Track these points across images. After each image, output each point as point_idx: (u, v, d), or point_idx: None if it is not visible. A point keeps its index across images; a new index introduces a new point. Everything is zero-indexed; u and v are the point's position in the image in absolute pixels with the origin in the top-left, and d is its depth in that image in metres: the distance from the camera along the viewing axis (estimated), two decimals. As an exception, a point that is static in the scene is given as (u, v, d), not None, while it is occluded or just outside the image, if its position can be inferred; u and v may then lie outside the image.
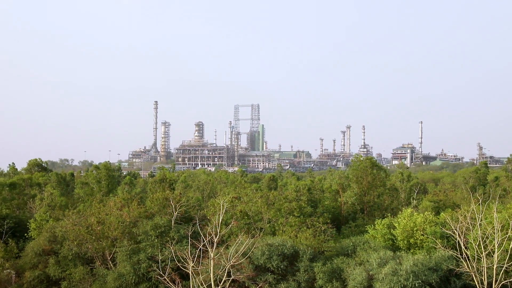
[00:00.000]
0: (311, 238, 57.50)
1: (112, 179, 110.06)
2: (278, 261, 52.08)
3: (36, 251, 66.93)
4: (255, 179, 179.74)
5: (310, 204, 66.29)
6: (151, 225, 60.40)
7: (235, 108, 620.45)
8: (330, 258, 54.12)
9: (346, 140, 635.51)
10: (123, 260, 58.09)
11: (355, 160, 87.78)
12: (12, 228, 77.48)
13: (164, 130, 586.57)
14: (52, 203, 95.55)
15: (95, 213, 66.71)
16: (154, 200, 69.68)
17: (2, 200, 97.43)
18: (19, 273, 67.73)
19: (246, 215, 64.10)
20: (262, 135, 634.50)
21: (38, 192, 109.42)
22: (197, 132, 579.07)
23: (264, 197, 67.75)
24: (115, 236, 62.51)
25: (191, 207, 69.78)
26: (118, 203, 68.92)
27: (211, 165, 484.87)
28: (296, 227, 60.98)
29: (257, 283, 50.62)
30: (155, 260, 54.84)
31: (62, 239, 65.85)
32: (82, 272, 61.80)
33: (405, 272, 47.13)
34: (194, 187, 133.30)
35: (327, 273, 51.48)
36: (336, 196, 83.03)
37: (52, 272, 63.94)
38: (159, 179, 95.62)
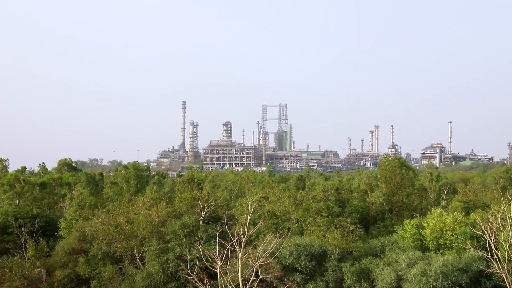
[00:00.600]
0: (339, 238, 57.28)
1: (140, 178, 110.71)
2: (306, 261, 51.98)
3: (66, 250, 67.61)
4: (282, 179, 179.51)
5: (338, 204, 65.99)
6: (180, 225, 60.65)
7: (263, 108, 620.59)
8: (359, 258, 53.87)
9: (375, 140, 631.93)
10: (152, 260, 58.40)
11: (383, 160, 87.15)
12: (42, 227, 78.29)
13: (192, 130, 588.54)
14: (81, 203, 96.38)
15: (124, 212, 67.18)
16: (182, 199, 69.94)
17: (33, 199, 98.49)
18: (50, 272, 68.46)
19: (274, 215, 64.05)
20: (290, 135, 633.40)
21: (68, 192, 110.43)
22: (225, 132, 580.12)
23: (292, 197, 67.65)
24: (143, 235, 62.90)
25: (219, 206, 69.92)
26: (147, 202, 69.31)
27: (238, 165, 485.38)
28: (324, 227, 60.78)
29: (285, 283, 50.56)
30: (184, 259, 55.06)
31: (92, 238, 66.42)
32: (111, 271, 62.27)
33: (435, 272, 46.74)
34: (222, 187, 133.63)
35: (356, 274, 51.28)
36: (364, 196, 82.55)
37: (81, 271, 64.53)
38: (187, 179, 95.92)
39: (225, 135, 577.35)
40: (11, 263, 67.74)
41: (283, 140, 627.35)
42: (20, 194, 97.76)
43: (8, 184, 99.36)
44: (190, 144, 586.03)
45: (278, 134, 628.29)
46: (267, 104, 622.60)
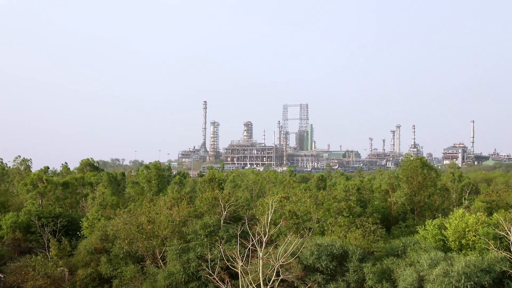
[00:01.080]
0: (360, 238, 57.07)
1: (162, 178, 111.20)
2: (327, 261, 51.86)
3: (88, 249, 68.06)
4: (303, 179, 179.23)
5: (359, 204, 65.80)
6: (201, 225, 60.82)
7: (284, 107, 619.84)
8: (380, 259, 53.65)
9: (396, 140, 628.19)
10: (173, 259, 58.59)
11: (405, 159, 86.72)
12: (65, 226, 78.90)
13: (213, 130, 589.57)
14: (103, 202, 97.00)
15: (145, 212, 67.52)
16: (203, 199, 70.13)
17: (56, 199, 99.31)
18: (72, 271, 68.97)
19: (295, 214, 63.97)
20: (311, 135, 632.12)
21: (90, 191, 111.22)
22: (245, 132, 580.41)
23: (313, 197, 67.53)
24: (165, 235, 63.15)
25: (240, 206, 69.97)
26: (168, 202, 69.57)
27: (259, 165, 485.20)
28: (345, 227, 60.60)
29: (306, 283, 50.48)
30: (205, 259, 55.21)
31: (114, 237, 66.79)
32: (133, 270, 62.58)
33: (457, 273, 46.41)
34: (243, 187, 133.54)
35: (377, 274, 51.08)
36: (386, 196, 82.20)
37: (103, 270, 64.93)
38: (208, 179, 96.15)
39: (246, 135, 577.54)
40: (34, 262, 68.43)
41: (304, 140, 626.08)
42: (43, 194, 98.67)
43: (31, 184, 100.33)
44: (211, 144, 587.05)
45: (299, 134, 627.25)
46: (288, 104, 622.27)
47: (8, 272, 70.19)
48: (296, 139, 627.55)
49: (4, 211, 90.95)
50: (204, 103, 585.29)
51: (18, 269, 68.78)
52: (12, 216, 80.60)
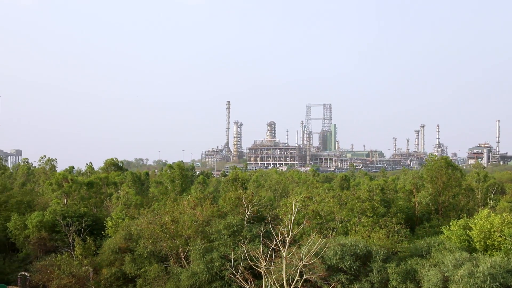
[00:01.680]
0: (384, 239, 56.82)
1: (185, 178, 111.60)
2: (350, 261, 51.71)
3: (113, 248, 68.48)
4: (327, 178, 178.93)
5: (383, 204, 65.46)
6: (224, 224, 60.92)
7: (307, 107, 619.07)
8: (404, 259, 53.37)
9: (420, 140, 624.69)
10: (197, 259, 58.75)
11: (429, 159, 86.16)
12: (89, 226, 79.49)
13: (237, 130, 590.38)
14: (127, 202, 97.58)
15: (169, 212, 67.79)
16: (226, 199, 70.26)
17: (80, 198, 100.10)
18: (97, 270, 69.46)
19: (318, 214, 63.86)
20: (334, 135, 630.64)
21: (114, 191, 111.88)
22: (269, 132, 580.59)
23: (336, 197, 67.37)
24: (188, 234, 63.36)
25: (263, 206, 70.00)
26: (192, 202, 69.79)
27: (283, 165, 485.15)
28: (369, 227, 60.38)
29: (330, 283, 50.36)
30: (228, 259, 55.27)
31: (138, 237, 67.14)
32: (156, 269, 62.83)
33: (482, 274, 46.01)
34: (266, 187, 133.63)
35: (401, 274, 50.83)
36: (410, 196, 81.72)
37: (128, 269, 65.28)
38: (231, 179, 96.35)
39: (269, 135, 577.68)
40: (59, 261, 69.10)
41: (327, 140, 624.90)
42: (68, 193, 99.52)
43: (57, 184, 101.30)
44: (235, 144, 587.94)
45: (322, 133, 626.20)
46: (311, 104, 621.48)
47: (34, 271, 70.96)
48: (319, 139, 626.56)
49: (30, 210, 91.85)
50: (227, 103, 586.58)
51: (43, 268, 69.49)
52: (37, 215, 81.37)
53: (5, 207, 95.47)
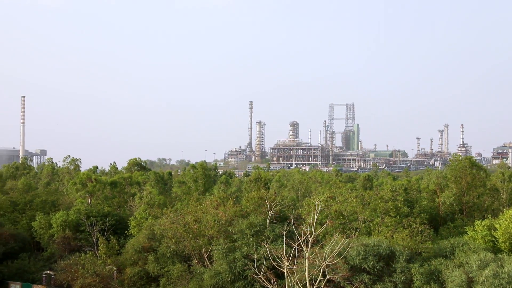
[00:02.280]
0: (407, 239, 56.52)
1: (208, 178, 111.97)
2: (374, 262, 51.51)
3: (136, 248, 68.87)
4: (350, 178, 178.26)
5: (406, 204, 65.12)
6: (247, 224, 60.98)
7: (330, 107, 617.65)
8: (428, 260, 53.08)
9: (444, 139, 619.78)
10: (219, 258, 58.89)
11: (453, 159, 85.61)
12: (113, 225, 80.00)
13: (259, 130, 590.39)
14: (150, 202, 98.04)
15: (192, 211, 68.03)
16: (249, 199, 70.31)
17: (104, 198, 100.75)
18: (120, 269, 69.92)
19: (341, 214, 63.69)
20: (357, 134, 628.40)
21: (138, 191, 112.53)
22: (291, 132, 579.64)
23: (359, 196, 67.14)
24: (211, 234, 63.54)
25: (286, 206, 69.95)
26: (214, 202, 69.94)
27: (305, 165, 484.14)
28: (392, 227, 60.10)
29: (353, 284, 50.23)
30: (251, 258, 55.37)
31: (161, 237, 67.46)
32: (179, 269, 63.08)
33: (507, 275, 45.61)
34: (289, 187, 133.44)
35: (425, 275, 50.54)
36: (434, 196, 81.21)
37: (151, 268, 65.60)
38: (254, 179, 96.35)
39: (292, 134, 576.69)
40: (83, 260, 69.70)
41: (350, 140, 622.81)
42: (92, 193, 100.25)
43: (81, 183, 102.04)
44: (257, 143, 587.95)
45: (345, 133, 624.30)
46: (334, 104, 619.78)
47: (58, 270, 71.67)
48: (342, 138, 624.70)
49: (55, 210, 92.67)
50: (250, 103, 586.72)
51: (68, 267, 70.12)
52: (62, 215, 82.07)
53: (30, 207, 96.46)
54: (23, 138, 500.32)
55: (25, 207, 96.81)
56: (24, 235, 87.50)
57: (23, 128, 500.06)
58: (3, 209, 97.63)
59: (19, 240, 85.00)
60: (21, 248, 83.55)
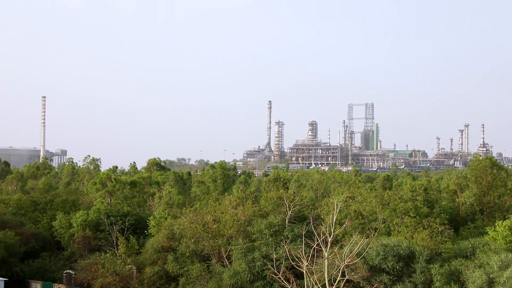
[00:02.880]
0: (427, 239, 56.26)
1: (227, 178, 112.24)
2: (393, 262, 51.33)
3: (156, 247, 69.11)
4: (369, 178, 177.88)
5: (426, 205, 64.74)
6: (266, 224, 61.01)
7: (349, 107, 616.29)
8: (448, 260, 52.80)
9: (464, 139, 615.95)
10: (238, 258, 58.96)
11: (473, 159, 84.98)
12: (133, 225, 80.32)
13: (278, 130, 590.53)
14: (170, 201, 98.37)
15: (211, 211, 68.17)
16: (268, 199, 70.31)
17: (124, 198, 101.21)
18: (140, 269, 70.21)
19: (360, 214, 63.52)
20: (377, 134, 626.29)
21: (157, 190, 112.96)
22: (310, 132, 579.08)
23: (378, 196, 66.90)
24: (230, 234, 63.63)
25: (304, 206, 69.87)
26: (233, 201, 70.00)
27: (324, 164, 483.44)
28: (412, 227, 59.85)
29: (372, 284, 50.10)
30: (270, 258, 55.38)
31: (180, 236, 67.64)
32: (199, 269, 63.22)
33: (529, 276, 45.24)
34: (308, 186, 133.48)
35: (445, 275, 50.30)
36: (454, 196, 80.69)
37: (170, 268, 65.79)
38: (273, 178, 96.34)
39: (311, 134, 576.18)
40: (103, 259, 70.13)
41: (370, 140, 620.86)
42: (112, 193, 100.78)
43: (100, 183, 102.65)
44: (276, 143, 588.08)
45: (365, 133, 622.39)
46: (353, 103, 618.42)
47: (79, 269, 72.15)
48: (361, 138, 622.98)
49: (75, 209, 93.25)
50: (269, 103, 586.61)
51: (88, 266, 70.58)
52: (82, 214, 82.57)
53: (51, 206, 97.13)
54: (44, 138, 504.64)
55: (46, 207, 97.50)
56: (45, 235, 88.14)
57: (44, 128, 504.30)
58: (24, 209, 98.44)
59: (40, 239, 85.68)
60: (42, 248, 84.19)
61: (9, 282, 72.04)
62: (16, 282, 75.99)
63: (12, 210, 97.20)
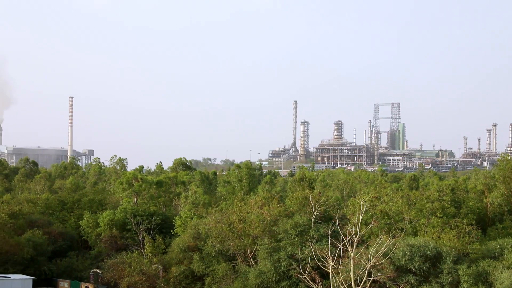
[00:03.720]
0: (454, 240, 55.84)
1: (253, 178, 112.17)
2: (420, 262, 51.04)
3: (182, 247, 69.45)
4: (395, 178, 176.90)
5: (453, 205, 64.25)
6: (291, 224, 61.00)
7: (375, 106, 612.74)
8: (476, 261, 52.37)
9: (492, 139, 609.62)
10: (264, 258, 59.01)
11: (501, 159, 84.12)
12: (159, 224, 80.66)
13: (304, 130, 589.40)
14: (196, 201, 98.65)
15: (236, 211, 68.26)
16: (293, 199, 70.29)
17: (150, 197, 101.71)
18: (166, 268, 70.55)
19: (387, 215, 63.21)
20: (403, 134, 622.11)
21: (183, 190, 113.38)
22: (336, 131, 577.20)
23: (405, 197, 66.49)
24: (256, 234, 63.68)
25: (330, 206, 69.75)
26: (259, 201, 70.06)
27: (350, 164, 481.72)
28: (439, 228, 59.44)
29: (398, 284, 49.88)
30: (295, 258, 55.33)
31: (206, 236, 67.88)
32: (224, 268, 63.40)
33: (558, 277, 44.68)
34: (334, 186, 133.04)
35: (473, 276, 49.88)
36: (482, 196, 79.92)
37: (196, 267, 66.06)
38: (298, 178, 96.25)
39: (337, 134, 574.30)
40: (130, 259, 70.60)
41: (396, 139, 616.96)
42: (138, 192, 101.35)
43: (127, 183, 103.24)
44: (302, 143, 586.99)
45: (391, 133, 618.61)
46: (379, 103, 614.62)
47: (105, 268, 72.76)
48: (387, 138, 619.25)
49: (102, 209, 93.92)
50: (295, 103, 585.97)
51: (115, 265, 71.12)
52: (109, 214, 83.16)
53: (78, 206, 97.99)
54: (71, 138, 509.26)
55: (73, 206, 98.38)
56: (72, 234, 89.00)
57: (71, 128, 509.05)
58: (52, 208, 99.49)
59: (68, 238, 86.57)
60: (69, 247, 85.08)
61: (37, 281, 72.95)
62: (44, 280, 76.94)
63: (40, 209, 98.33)
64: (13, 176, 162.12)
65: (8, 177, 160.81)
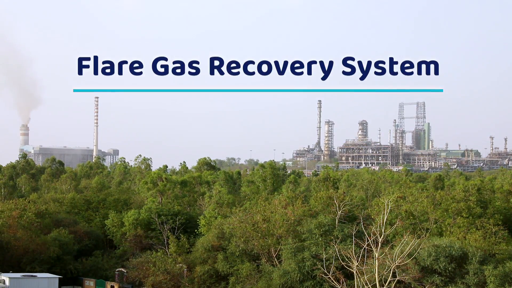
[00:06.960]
0: (480, 240, 55.39)
1: (277, 177, 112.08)
2: (445, 263, 50.70)
3: (206, 246, 69.62)
4: (420, 178, 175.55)
5: (479, 205, 63.71)
6: (315, 224, 60.88)
7: (400, 106, 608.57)
8: (502, 261, 51.87)
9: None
10: (288, 258, 58.99)
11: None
12: (183, 224, 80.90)
13: (328, 129, 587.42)
14: (220, 201, 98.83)
15: (260, 211, 68.28)
16: (318, 198, 70.17)
17: (174, 197, 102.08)
18: (190, 268, 70.79)
19: (412, 215, 62.86)
20: (428, 134, 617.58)
21: (207, 190, 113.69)
22: (360, 131, 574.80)
23: (430, 197, 66.06)
24: (280, 233, 63.67)
25: (355, 206, 69.44)
26: (283, 201, 70.01)
27: (375, 164, 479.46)
28: (465, 228, 59.02)
29: (423, 285, 49.63)
30: (319, 258, 55.22)
31: (230, 235, 67.94)
32: (248, 268, 63.44)
33: None
34: (358, 186, 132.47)
35: (499, 277, 49.42)
36: (508, 197, 79.15)
37: (220, 267, 66.20)
38: (322, 178, 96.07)
39: (361, 134, 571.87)
40: (154, 258, 70.97)
41: (421, 139, 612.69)
42: (162, 192, 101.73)
43: (152, 182, 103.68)
44: (326, 143, 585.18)
45: (416, 132, 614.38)
46: (404, 102, 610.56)
47: (130, 267, 73.22)
48: (412, 138, 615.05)
49: (127, 208, 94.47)
50: (319, 102, 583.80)
51: (139, 264, 71.52)
52: (134, 213, 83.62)
53: (103, 205, 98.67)
54: (97, 138, 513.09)
55: (99, 206, 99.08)
56: (97, 233, 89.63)
57: (97, 128, 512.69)
58: (78, 208, 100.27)
59: (93, 237, 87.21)
60: (94, 246, 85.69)
61: (63, 280, 73.63)
62: (70, 279, 77.62)
63: (66, 208, 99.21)
64: (39, 176, 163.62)
65: (34, 177, 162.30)
